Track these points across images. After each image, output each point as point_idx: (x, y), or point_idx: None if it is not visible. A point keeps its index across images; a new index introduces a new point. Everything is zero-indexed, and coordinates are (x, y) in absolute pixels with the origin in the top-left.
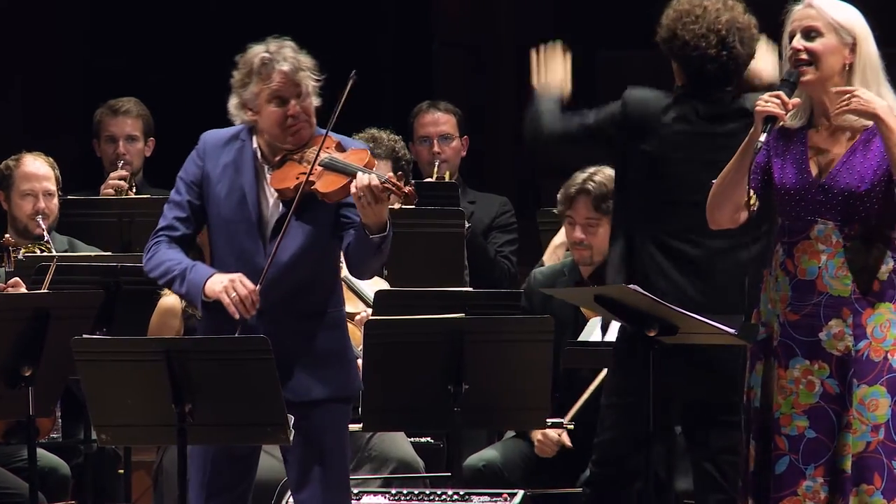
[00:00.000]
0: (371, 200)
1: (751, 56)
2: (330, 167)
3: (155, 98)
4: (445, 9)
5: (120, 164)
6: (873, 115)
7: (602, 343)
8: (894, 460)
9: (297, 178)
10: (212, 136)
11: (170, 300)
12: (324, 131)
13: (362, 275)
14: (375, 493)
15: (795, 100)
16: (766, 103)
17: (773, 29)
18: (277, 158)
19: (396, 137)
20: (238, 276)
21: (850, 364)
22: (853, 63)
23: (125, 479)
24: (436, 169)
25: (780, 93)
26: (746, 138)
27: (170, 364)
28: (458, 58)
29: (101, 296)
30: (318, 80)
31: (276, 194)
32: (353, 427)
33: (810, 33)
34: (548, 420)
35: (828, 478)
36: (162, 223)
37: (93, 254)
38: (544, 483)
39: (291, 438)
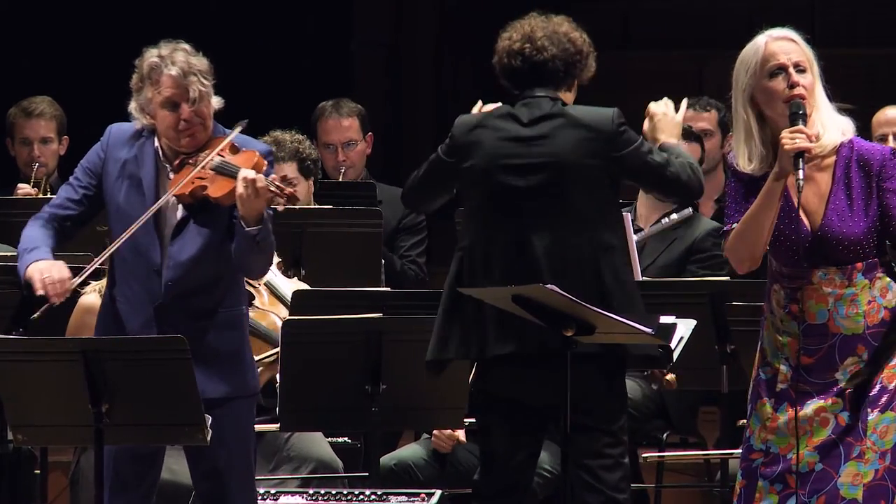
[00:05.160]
0: (252, 194)
1: (570, 61)
2: (220, 171)
3: (68, 95)
4: (364, 8)
5: (35, 167)
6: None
7: None
8: None
9: (193, 183)
10: (118, 129)
11: (90, 299)
12: (229, 132)
13: (247, 273)
14: (293, 494)
15: (816, 130)
16: (794, 139)
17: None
18: (177, 162)
19: (300, 138)
20: (58, 264)
21: (864, 395)
22: (816, 90)
23: (41, 480)
24: (341, 176)
25: (802, 127)
26: (769, 180)
27: (86, 364)
28: (376, 57)
29: (16, 296)
30: (208, 84)
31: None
32: (271, 427)
33: (798, 68)
34: (465, 420)
35: None
36: (54, 200)
37: (8, 253)
38: (453, 481)
39: (209, 438)
